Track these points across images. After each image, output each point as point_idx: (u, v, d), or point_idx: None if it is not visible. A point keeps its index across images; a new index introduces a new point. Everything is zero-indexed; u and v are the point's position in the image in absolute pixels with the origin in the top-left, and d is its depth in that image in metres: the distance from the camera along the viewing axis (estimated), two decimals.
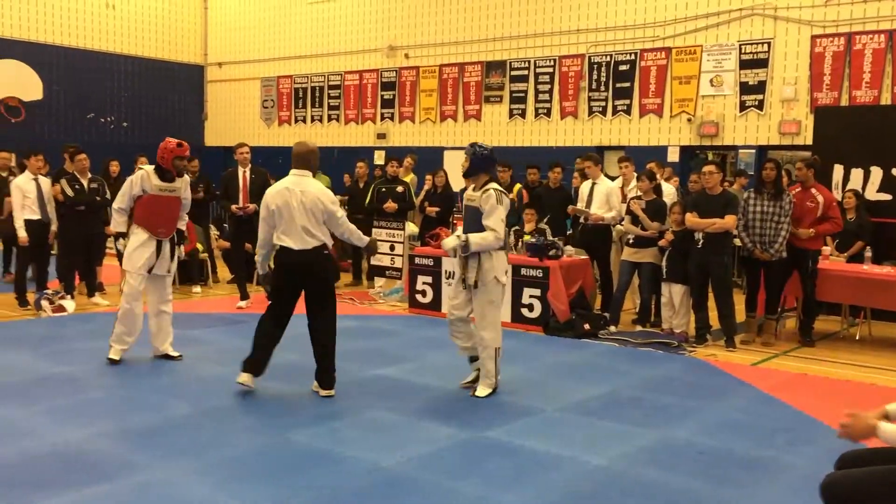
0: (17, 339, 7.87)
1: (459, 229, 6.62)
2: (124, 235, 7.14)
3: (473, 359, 6.46)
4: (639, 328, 9.03)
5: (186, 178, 7.29)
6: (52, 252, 10.08)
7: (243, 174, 10.08)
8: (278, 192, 6.03)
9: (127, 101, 21.02)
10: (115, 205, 7.13)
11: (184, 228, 7.43)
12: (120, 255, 7.46)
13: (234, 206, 9.89)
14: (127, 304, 6.94)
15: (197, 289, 11.11)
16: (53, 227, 9.56)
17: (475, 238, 6.08)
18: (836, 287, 8.75)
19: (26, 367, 6.80)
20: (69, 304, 9.29)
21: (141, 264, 6.94)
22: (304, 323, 6.21)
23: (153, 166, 7.07)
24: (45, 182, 9.51)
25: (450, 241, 6.28)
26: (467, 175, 6.35)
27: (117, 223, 7.15)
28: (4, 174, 11.18)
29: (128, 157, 11.85)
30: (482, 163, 6.27)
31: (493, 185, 6.19)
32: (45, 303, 9.13)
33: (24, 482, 4.37)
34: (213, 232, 12.54)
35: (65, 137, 17.83)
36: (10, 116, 18.56)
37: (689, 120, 14.45)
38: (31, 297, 9.47)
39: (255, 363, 6.15)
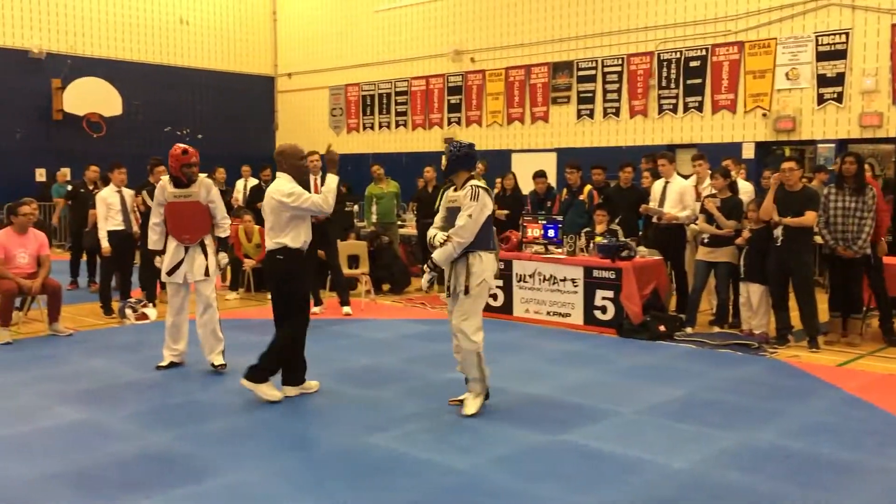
0: (103, 346, 8.16)
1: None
2: (159, 253, 7.21)
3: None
4: (716, 329, 8.83)
5: (207, 181, 7.15)
6: (135, 262, 10.41)
7: (314, 181, 10.21)
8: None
9: (201, 113, 21.63)
10: (150, 220, 7.29)
11: (224, 236, 7.32)
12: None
13: None
14: (169, 316, 7.16)
15: (425, 283, 11.25)
16: (136, 229, 9.86)
17: (437, 255, 5.80)
18: None
19: (112, 372, 7.04)
20: (151, 312, 9.57)
21: (172, 274, 7.05)
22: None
23: (168, 176, 7.15)
24: (129, 194, 9.83)
25: (424, 279, 6.07)
26: (446, 173, 6.10)
27: (151, 240, 7.26)
28: (91, 187, 11.60)
29: (204, 168, 12.15)
30: (460, 161, 5.89)
31: (473, 181, 5.86)
32: (128, 311, 9.44)
33: (115, 483, 4.52)
34: None
35: (144, 151, 18.39)
36: (92, 132, 19.28)
37: (764, 115, 14.10)
38: (115, 305, 9.79)
39: (288, 374, 6.30)
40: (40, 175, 18.87)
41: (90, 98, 19.11)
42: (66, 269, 12.11)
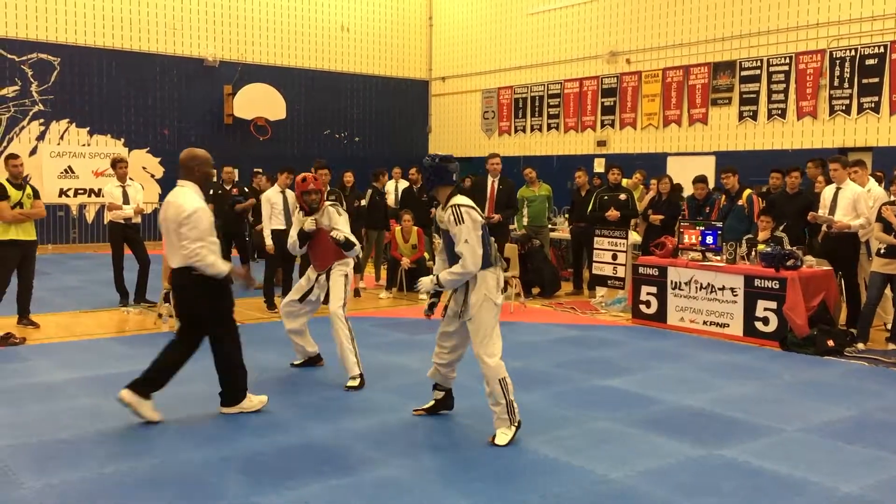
0: (266, 339, 8.55)
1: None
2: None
3: (437, 386, 5.82)
4: (892, 346, 8.21)
5: (329, 209, 6.85)
6: (296, 260, 10.87)
7: (492, 184, 10.26)
8: (163, 205, 5.70)
9: (358, 117, 22.37)
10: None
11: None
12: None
13: None
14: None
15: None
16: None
17: (446, 276, 5.27)
18: None
19: (275, 365, 7.38)
20: None
21: (304, 298, 7.00)
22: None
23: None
24: (292, 195, 10.27)
25: (425, 282, 5.46)
26: (427, 190, 5.62)
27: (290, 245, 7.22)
28: (228, 187, 12.14)
29: (360, 170, 12.59)
30: (433, 176, 5.38)
31: (455, 199, 5.31)
32: None
33: (279, 470, 4.74)
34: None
35: (304, 153, 19.29)
36: (258, 135, 20.37)
37: None
38: (277, 301, 10.26)
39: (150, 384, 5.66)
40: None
41: (257, 103, 20.18)
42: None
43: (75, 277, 13.14)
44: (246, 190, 12.55)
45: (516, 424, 5.27)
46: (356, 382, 6.57)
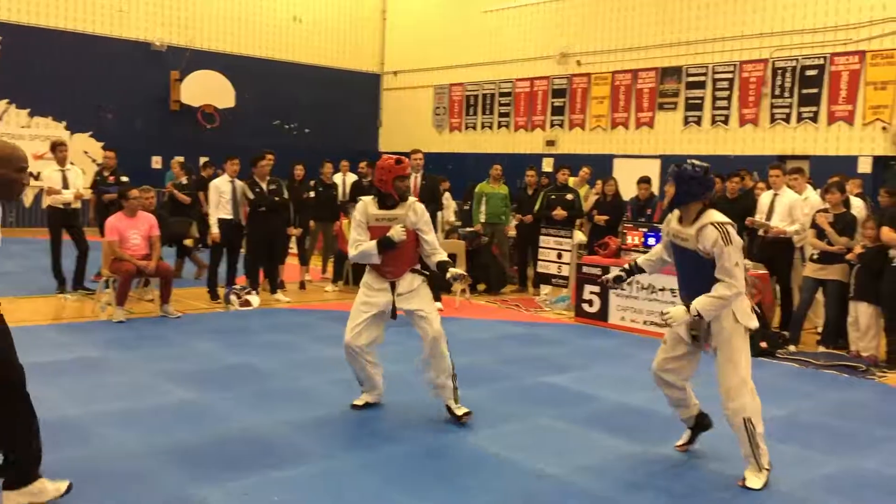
0: (209, 329, 8.48)
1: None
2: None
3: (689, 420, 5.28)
4: (822, 349, 8.49)
5: (416, 206, 5.70)
6: (242, 250, 10.75)
7: (414, 179, 10.33)
8: None
9: (308, 108, 22.17)
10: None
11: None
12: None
13: None
14: None
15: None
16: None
17: (704, 305, 4.58)
18: None
19: (216, 355, 7.31)
20: (254, 300, 9.90)
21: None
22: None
23: (371, 196, 5.78)
24: (240, 185, 10.15)
25: (679, 313, 4.72)
26: (675, 205, 4.76)
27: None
28: (106, 174, 11.37)
29: (309, 161, 12.51)
30: (698, 188, 4.66)
31: (711, 216, 4.62)
32: (233, 297, 9.77)
33: (216, 461, 4.71)
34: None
35: (253, 143, 19.02)
36: (206, 123, 20.06)
37: (883, 128, 13.47)
38: (221, 291, 10.15)
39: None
40: (156, 163, 19.74)
41: (205, 90, 19.88)
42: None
43: (12, 262, 12.76)
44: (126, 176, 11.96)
45: (768, 468, 4.69)
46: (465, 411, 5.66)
